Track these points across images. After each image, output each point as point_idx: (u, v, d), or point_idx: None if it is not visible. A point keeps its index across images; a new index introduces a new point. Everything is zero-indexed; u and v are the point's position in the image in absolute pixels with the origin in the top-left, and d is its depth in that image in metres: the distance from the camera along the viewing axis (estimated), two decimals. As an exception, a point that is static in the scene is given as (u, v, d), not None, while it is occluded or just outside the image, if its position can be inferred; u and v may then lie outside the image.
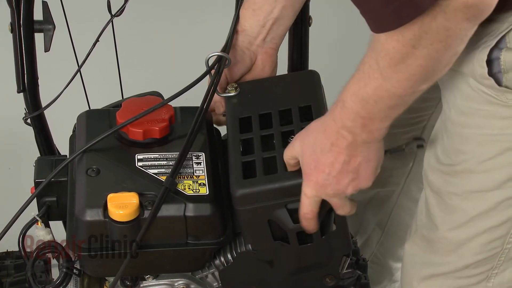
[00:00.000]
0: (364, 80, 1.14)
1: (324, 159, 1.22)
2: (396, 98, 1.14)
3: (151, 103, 1.39)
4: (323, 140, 1.22)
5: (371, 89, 1.14)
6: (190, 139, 1.34)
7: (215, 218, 1.33)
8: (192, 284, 1.45)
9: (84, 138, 1.39)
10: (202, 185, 1.34)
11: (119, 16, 1.55)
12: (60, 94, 1.50)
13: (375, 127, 1.18)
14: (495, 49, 1.20)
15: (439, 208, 1.35)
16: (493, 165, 1.26)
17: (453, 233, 1.34)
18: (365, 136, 1.19)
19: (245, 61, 1.44)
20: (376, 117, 1.17)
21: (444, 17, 1.03)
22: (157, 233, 1.32)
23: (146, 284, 1.44)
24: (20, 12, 1.44)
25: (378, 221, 1.83)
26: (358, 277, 1.68)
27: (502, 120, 1.23)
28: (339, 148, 1.21)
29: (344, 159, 1.21)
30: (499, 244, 1.32)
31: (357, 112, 1.17)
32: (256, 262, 1.41)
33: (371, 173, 1.25)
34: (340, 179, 1.23)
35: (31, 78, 1.51)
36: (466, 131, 1.27)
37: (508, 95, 1.21)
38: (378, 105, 1.15)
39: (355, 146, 1.20)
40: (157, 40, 2.93)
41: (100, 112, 1.47)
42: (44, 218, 1.40)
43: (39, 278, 1.48)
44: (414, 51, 1.07)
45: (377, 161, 1.24)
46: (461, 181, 1.31)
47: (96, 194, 1.30)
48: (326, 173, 1.23)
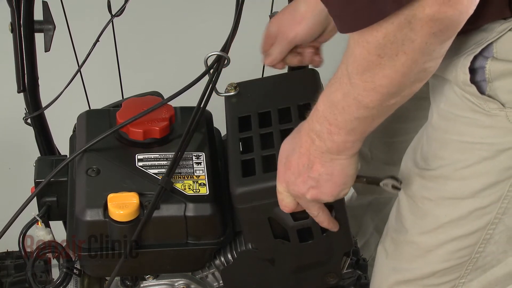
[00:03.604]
0: (335, 84, 1.12)
1: (292, 158, 1.21)
2: (363, 109, 1.10)
3: (151, 103, 1.39)
4: (296, 139, 1.21)
5: (340, 95, 1.11)
6: (187, 138, 1.33)
7: (215, 218, 1.34)
8: (192, 284, 1.45)
9: (84, 138, 1.39)
10: (202, 185, 1.34)
11: (119, 16, 1.55)
12: (60, 94, 1.50)
13: (341, 139, 1.15)
14: (480, 57, 1.19)
15: (410, 212, 1.34)
16: (470, 173, 1.25)
17: (422, 238, 1.33)
18: (329, 145, 1.16)
19: (321, 22, 1.41)
20: (342, 127, 1.14)
21: (409, 27, 1.01)
22: (157, 233, 1.32)
23: (146, 284, 1.44)
24: (20, 12, 1.44)
25: (375, 226, 1.83)
26: (358, 277, 1.69)
27: (483, 128, 1.22)
28: (306, 150, 1.19)
29: (307, 163, 1.19)
30: (467, 253, 1.31)
31: (325, 117, 1.14)
32: (257, 261, 1.41)
33: (334, 189, 1.21)
34: (301, 182, 1.21)
35: (31, 78, 1.51)
36: (447, 137, 1.26)
37: (491, 104, 1.20)
38: (345, 113, 1.12)
39: (320, 153, 1.18)
40: (157, 40, 2.93)
41: (100, 112, 1.47)
42: (44, 218, 1.40)
43: (39, 278, 1.48)
44: (380, 60, 1.05)
45: (342, 178, 1.20)
46: (436, 186, 1.30)
47: (96, 194, 1.30)
48: (291, 171, 1.22)
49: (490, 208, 1.27)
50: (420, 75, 1.08)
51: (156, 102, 1.41)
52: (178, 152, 1.33)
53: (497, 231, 1.29)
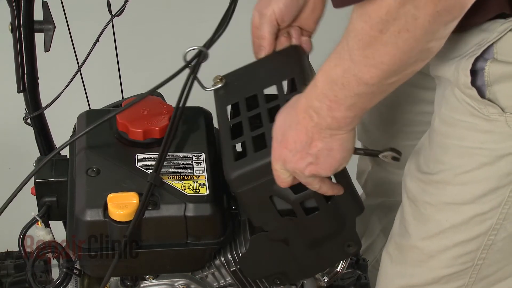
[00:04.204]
0: (335, 60, 1.10)
1: (289, 135, 1.19)
2: (363, 85, 1.09)
3: (151, 103, 1.40)
4: (292, 116, 1.19)
5: (340, 71, 1.09)
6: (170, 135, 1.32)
7: (215, 218, 1.34)
8: (192, 284, 1.45)
9: (84, 137, 1.39)
10: (202, 185, 1.34)
11: (119, 16, 1.54)
12: (60, 94, 1.50)
13: (341, 114, 1.13)
14: (481, 59, 1.18)
15: (413, 217, 1.34)
16: (470, 178, 1.25)
17: (425, 243, 1.33)
18: (329, 121, 1.14)
19: (298, 1, 1.39)
20: (342, 103, 1.12)
21: (413, 4, 1.00)
22: (157, 233, 1.32)
23: (146, 284, 1.44)
24: (20, 12, 1.44)
25: (383, 228, 1.82)
26: (358, 277, 1.69)
27: (482, 133, 1.22)
28: (303, 127, 1.17)
29: (305, 140, 1.17)
30: (469, 259, 1.31)
31: (325, 93, 1.12)
32: (271, 245, 1.38)
33: (332, 164, 1.19)
34: (299, 159, 1.19)
35: (31, 78, 1.51)
36: (447, 142, 1.26)
37: (490, 108, 1.19)
38: (345, 89, 1.10)
39: (319, 130, 1.16)
40: (157, 40, 2.93)
41: (100, 112, 1.47)
42: (44, 218, 1.40)
43: (39, 278, 1.48)
44: (382, 36, 1.03)
45: (341, 153, 1.18)
46: (437, 191, 1.29)
47: (96, 194, 1.30)
48: (288, 149, 1.19)
49: (490, 213, 1.26)
50: (422, 54, 1.07)
51: (156, 102, 1.41)
52: (164, 147, 1.31)
53: (499, 237, 1.29)
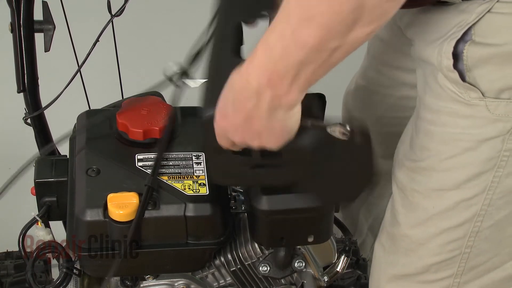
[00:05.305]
0: (273, 24, 0.98)
1: (228, 110, 1.10)
2: (300, 48, 0.97)
3: (151, 103, 1.40)
4: (231, 93, 1.08)
5: (277, 34, 0.98)
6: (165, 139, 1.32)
7: (215, 218, 1.34)
8: (192, 284, 1.45)
9: (84, 138, 1.39)
10: (202, 185, 1.34)
11: (119, 16, 1.54)
12: (60, 94, 1.50)
13: (282, 91, 1.02)
14: (461, 41, 1.19)
15: (402, 205, 1.35)
16: (453, 164, 1.26)
17: (414, 231, 1.34)
18: (268, 100, 1.03)
19: None
20: (284, 76, 1.00)
21: None
22: (157, 233, 1.32)
23: (146, 284, 1.44)
24: (20, 12, 1.44)
25: (369, 226, 1.83)
26: (358, 277, 1.69)
27: (464, 119, 1.22)
28: (242, 107, 1.07)
29: (244, 119, 1.08)
30: (457, 247, 1.32)
31: (264, 65, 1.01)
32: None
33: (277, 140, 1.10)
34: (240, 134, 1.11)
35: (31, 78, 1.51)
36: (432, 128, 1.27)
37: (471, 93, 1.20)
38: (284, 57, 0.98)
39: (257, 110, 1.05)
40: (157, 40, 2.93)
41: (100, 112, 1.47)
42: (44, 218, 1.40)
43: (39, 278, 1.48)
44: None
45: (284, 131, 1.10)
46: (424, 178, 1.30)
47: (96, 194, 1.30)
48: (229, 123, 1.10)
49: (475, 199, 1.27)
50: (358, 12, 0.93)
51: (156, 102, 1.41)
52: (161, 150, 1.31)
53: (485, 225, 1.29)
